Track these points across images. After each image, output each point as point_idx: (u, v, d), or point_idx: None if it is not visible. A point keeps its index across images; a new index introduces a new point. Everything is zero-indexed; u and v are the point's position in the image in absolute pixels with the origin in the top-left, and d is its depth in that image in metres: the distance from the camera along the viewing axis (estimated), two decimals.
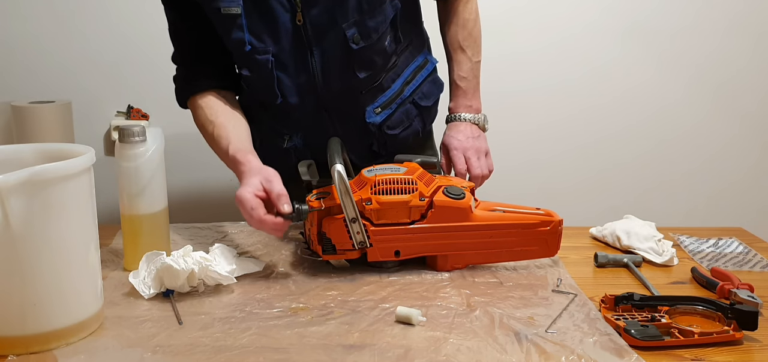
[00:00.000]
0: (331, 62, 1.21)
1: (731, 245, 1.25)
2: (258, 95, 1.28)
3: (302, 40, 1.19)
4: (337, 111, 1.28)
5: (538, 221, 1.08)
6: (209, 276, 0.98)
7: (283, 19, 1.17)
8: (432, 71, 1.41)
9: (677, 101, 2.15)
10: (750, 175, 2.21)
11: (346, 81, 1.24)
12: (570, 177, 2.19)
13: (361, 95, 1.28)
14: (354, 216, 1.02)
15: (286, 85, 1.23)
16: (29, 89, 1.94)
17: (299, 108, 1.25)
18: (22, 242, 0.78)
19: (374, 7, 1.20)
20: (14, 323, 0.80)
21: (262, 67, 1.20)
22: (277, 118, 1.29)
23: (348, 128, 1.30)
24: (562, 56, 2.11)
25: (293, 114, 1.27)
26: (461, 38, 1.36)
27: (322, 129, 1.27)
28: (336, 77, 1.23)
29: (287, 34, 1.19)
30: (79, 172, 0.83)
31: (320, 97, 1.25)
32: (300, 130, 1.30)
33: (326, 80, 1.23)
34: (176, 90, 1.30)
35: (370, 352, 0.82)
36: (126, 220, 1.07)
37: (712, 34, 2.10)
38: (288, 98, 1.24)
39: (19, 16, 1.98)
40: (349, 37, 1.19)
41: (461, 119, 1.34)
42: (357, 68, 1.23)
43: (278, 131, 1.30)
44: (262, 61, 1.19)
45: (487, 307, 0.94)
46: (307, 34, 1.19)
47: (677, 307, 0.93)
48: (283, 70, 1.21)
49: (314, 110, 1.26)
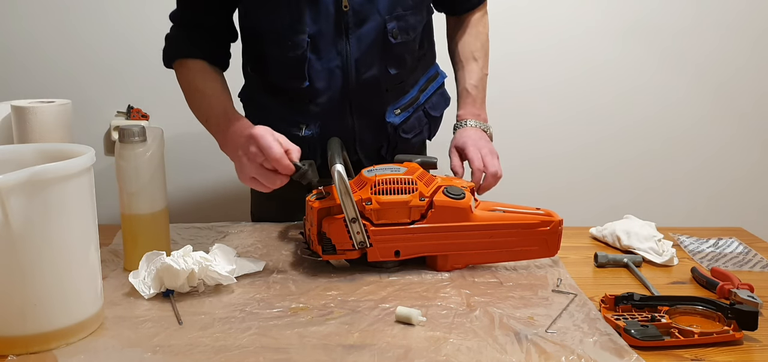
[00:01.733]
0: (366, 52, 1.22)
1: (731, 245, 1.25)
2: (283, 78, 1.26)
3: (341, 25, 1.20)
4: (359, 104, 1.27)
5: (538, 221, 1.08)
6: (209, 276, 0.98)
7: (326, 2, 1.18)
8: (441, 84, 1.43)
9: (677, 101, 2.15)
10: (750, 175, 2.21)
11: (377, 74, 1.25)
12: (570, 177, 2.19)
13: (385, 93, 1.29)
14: (354, 216, 1.02)
15: (315, 69, 1.22)
16: (29, 89, 1.94)
17: (323, 94, 1.25)
18: (22, 242, 0.78)
19: (417, 4, 1.22)
20: (14, 323, 0.80)
21: (297, 46, 1.20)
22: (295, 106, 1.28)
23: (366, 124, 1.30)
24: (562, 56, 2.10)
25: (315, 101, 1.26)
26: (475, 49, 1.37)
27: (342, 121, 1.27)
28: (368, 68, 1.24)
29: (328, 18, 1.19)
30: (79, 172, 0.83)
31: (346, 86, 1.25)
32: (319, 119, 1.28)
33: (358, 69, 1.23)
34: (167, 48, 1.28)
35: (370, 352, 0.82)
36: (126, 220, 1.07)
37: (712, 34, 2.10)
38: (315, 83, 1.23)
39: (18, 16, 1.98)
40: (389, 30, 1.20)
41: (471, 125, 1.35)
42: (390, 63, 1.24)
43: (293, 121, 1.28)
44: (299, 40, 1.19)
45: (487, 307, 0.94)
46: (347, 20, 1.19)
47: (677, 307, 0.93)
48: (315, 53, 1.21)
49: (338, 99, 1.26)
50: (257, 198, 1.47)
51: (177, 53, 1.27)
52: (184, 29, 1.28)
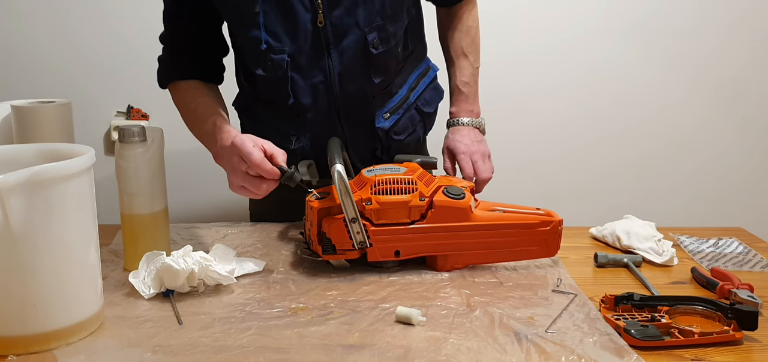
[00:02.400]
0: (348, 65, 1.22)
1: (731, 245, 1.25)
2: (268, 95, 1.27)
3: (321, 41, 1.19)
4: (347, 114, 1.28)
5: (538, 221, 1.08)
6: (209, 276, 0.98)
7: (303, 19, 1.17)
8: (433, 78, 1.43)
9: (678, 101, 2.15)
10: (750, 175, 2.21)
11: (361, 85, 1.25)
12: (570, 177, 2.19)
13: (372, 100, 1.28)
14: (354, 217, 1.02)
15: (299, 85, 1.22)
16: (29, 89, 1.95)
17: (310, 109, 1.25)
18: (23, 242, 0.78)
19: (396, 12, 1.21)
20: (14, 323, 0.80)
21: (277, 66, 1.20)
22: (285, 118, 1.29)
23: (356, 132, 1.30)
24: (563, 56, 2.11)
25: (303, 115, 1.26)
26: (465, 45, 1.37)
27: (332, 132, 1.26)
28: (351, 80, 1.23)
29: (306, 35, 1.18)
30: (79, 172, 0.83)
31: (332, 100, 1.25)
32: (308, 131, 1.29)
33: (341, 83, 1.23)
34: (160, 70, 1.29)
35: (370, 352, 0.82)
36: (126, 220, 1.07)
37: (713, 34, 2.10)
38: (300, 99, 1.23)
39: (18, 17, 1.98)
40: (369, 42, 1.20)
41: (463, 123, 1.34)
42: (373, 73, 1.24)
43: (285, 132, 1.29)
44: (278, 60, 1.19)
45: (487, 307, 0.94)
46: (327, 36, 1.19)
47: (677, 307, 0.93)
48: (297, 71, 1.21)
49: (325, 112, 1.26)
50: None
51: (169, 77, 1.28)
52: (173, 53, 1.28)
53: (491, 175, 1.31)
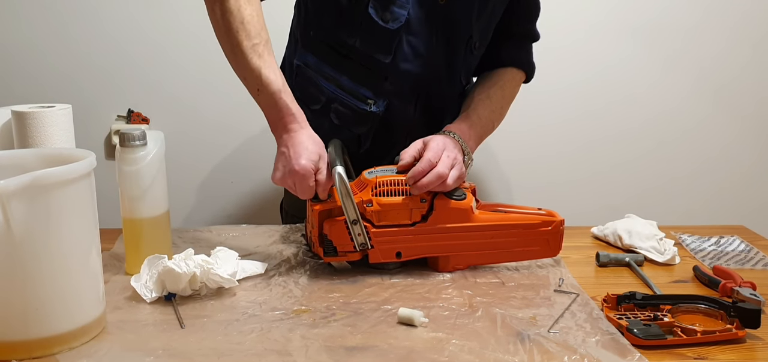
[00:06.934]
0: (452, 52, 1.26)
1: (733, 243, 1.25)
2: (367, 45, 1.23)
3: (436, 17, 1.22)
4: (426, 100, 1.28)
5: (540, 221, 1.08)
6: (211, 279, 0.98)
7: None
8: None
9: (679, 101, 2.15)
10: (751, 174, 2.21)
11: (450, 76, 1.28)
12: (571, 176, 2.18)
13: (450, 101, 1.32)
14: (355, 218, 1.02)
15: (403, 49, 1.22)
16: (29, 94, 1.94)
17: (402, 76, 1.24)
18: (24, 247, 0.78)
19: (489, 29, 1.29)
20: (16, 328, 0.80)
21: (395, 19, 1.20)
22: (368, 78, 1.24)
23: (424, 122, 1.29)
24: (564, 57, 2.10)
25: (390, 79, 1.24)
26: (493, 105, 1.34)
27: (405, 110, 1.27)
28: (447, 67, 1.27)
29: (424, 4, 1.21)
30: (80, 177, 0.83)
31: (423, 76, 1.25)
32: (387, 97, 1.25)
33: (436, 64, 1.25)
34: None
35: (372, 354, 0.81)
36: (127, 224, 1.07)
37: (714, 35, 2.10)
38: (399, 61, 1.23)
39: (18, 21, 1.98)
40: (473, 39, 1.26)
41: (451, 135, 1.17)
42: (463, 72, 1.30)
43: (362, 94, 1.25)
44: (398, 14, 1.20)
45: (489, 308, 0.94)
46: (443, 13, 1.22)
47: (680, 306, 0.93)
48: (408, 32, 1.22)
49: (411, 86, 1.26)
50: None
51: None
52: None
53: (447, 173, 1.06)
